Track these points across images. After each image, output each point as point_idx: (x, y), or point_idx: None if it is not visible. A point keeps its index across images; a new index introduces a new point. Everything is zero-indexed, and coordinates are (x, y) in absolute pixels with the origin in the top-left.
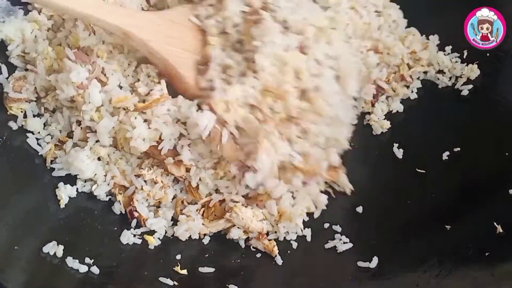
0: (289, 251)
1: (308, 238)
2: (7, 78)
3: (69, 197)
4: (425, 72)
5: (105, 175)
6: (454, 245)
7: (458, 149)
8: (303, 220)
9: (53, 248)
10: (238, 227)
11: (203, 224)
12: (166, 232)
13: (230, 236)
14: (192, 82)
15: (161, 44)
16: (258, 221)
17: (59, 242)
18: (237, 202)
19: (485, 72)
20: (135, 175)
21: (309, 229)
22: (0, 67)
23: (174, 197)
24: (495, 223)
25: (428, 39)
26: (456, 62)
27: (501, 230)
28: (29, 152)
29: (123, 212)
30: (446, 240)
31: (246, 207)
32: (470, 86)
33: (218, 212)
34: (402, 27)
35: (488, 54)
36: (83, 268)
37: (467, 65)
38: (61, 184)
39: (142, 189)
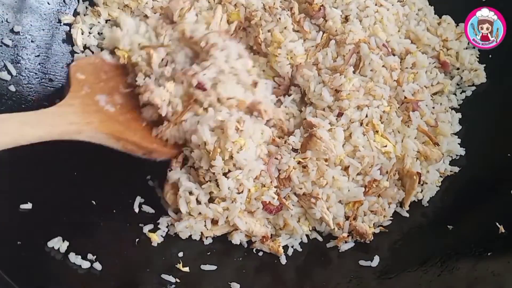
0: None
1: (311, 238)
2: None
3: None
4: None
5: None
6: (456, 245)
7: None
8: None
9: (58, 243)
10: (241, 231)
11: (205, 226)
12: (168, 230)
13: (232, 240)
14: (156, 146)
15: (110, 127)
16: (261, 226)
17: (63, 238)
18: None
19: (487, 72)
20: None
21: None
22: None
23: None
24: (497, 223)
25: None
26: (475, 61)
27: (503, 230)
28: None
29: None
30: (448, 240)
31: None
32: (473, 88)
33: None
34: (431, 14)
35: (490, 56)
36: (85, 264)
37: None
38: None
39: None
